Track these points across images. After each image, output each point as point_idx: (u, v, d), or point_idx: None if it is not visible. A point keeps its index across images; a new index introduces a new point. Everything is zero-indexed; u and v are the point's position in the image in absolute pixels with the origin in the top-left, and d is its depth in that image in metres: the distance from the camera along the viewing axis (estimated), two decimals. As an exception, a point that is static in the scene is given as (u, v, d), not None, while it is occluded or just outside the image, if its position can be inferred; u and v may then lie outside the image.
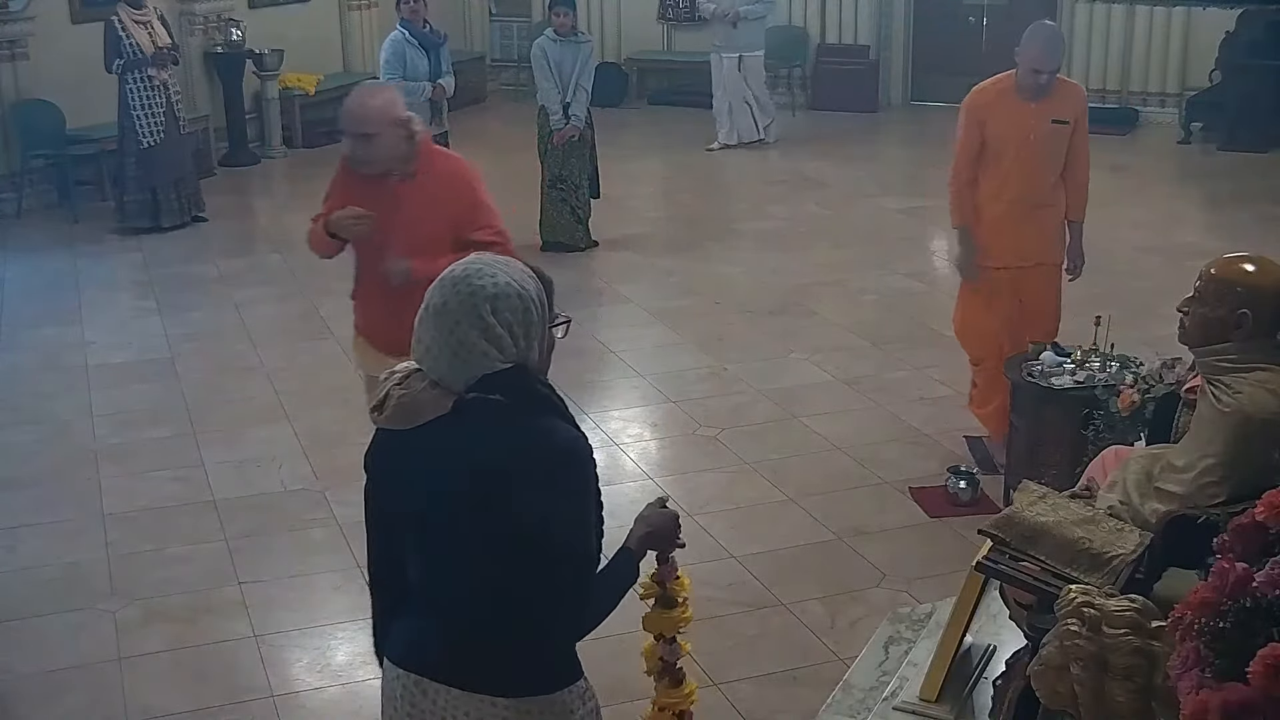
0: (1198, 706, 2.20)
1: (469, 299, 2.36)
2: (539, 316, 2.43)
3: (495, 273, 2.39)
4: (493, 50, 15.55)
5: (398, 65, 8.38)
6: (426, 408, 2.37)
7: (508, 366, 2.37)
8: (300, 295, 8.24)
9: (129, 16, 9.33)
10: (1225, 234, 9.01)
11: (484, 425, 2.35)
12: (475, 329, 2.35)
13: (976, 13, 13.93)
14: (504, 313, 2.37)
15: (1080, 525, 3.24)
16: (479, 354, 2.35)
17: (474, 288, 2.36)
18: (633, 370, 6.92)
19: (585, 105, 8.81)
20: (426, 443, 2.38)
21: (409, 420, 2.39)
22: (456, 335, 2.35)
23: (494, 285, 2.37)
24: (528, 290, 2.41)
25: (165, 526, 5.32)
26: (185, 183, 9.88)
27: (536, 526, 2.34)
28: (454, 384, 2.37)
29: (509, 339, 2.37)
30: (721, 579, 4.83)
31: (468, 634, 2.45)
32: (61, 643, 4.51)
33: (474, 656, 2.45)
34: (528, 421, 2.37)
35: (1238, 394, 3.21)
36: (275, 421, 6.32)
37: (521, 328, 2.39)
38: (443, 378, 2.38)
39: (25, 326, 7.75)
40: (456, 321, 2.35)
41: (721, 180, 11.75)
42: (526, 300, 2.40)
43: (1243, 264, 3.35)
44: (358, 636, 4.54)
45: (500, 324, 2.36)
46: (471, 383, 2.36)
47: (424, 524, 2.44)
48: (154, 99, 9.48)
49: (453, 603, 2.46)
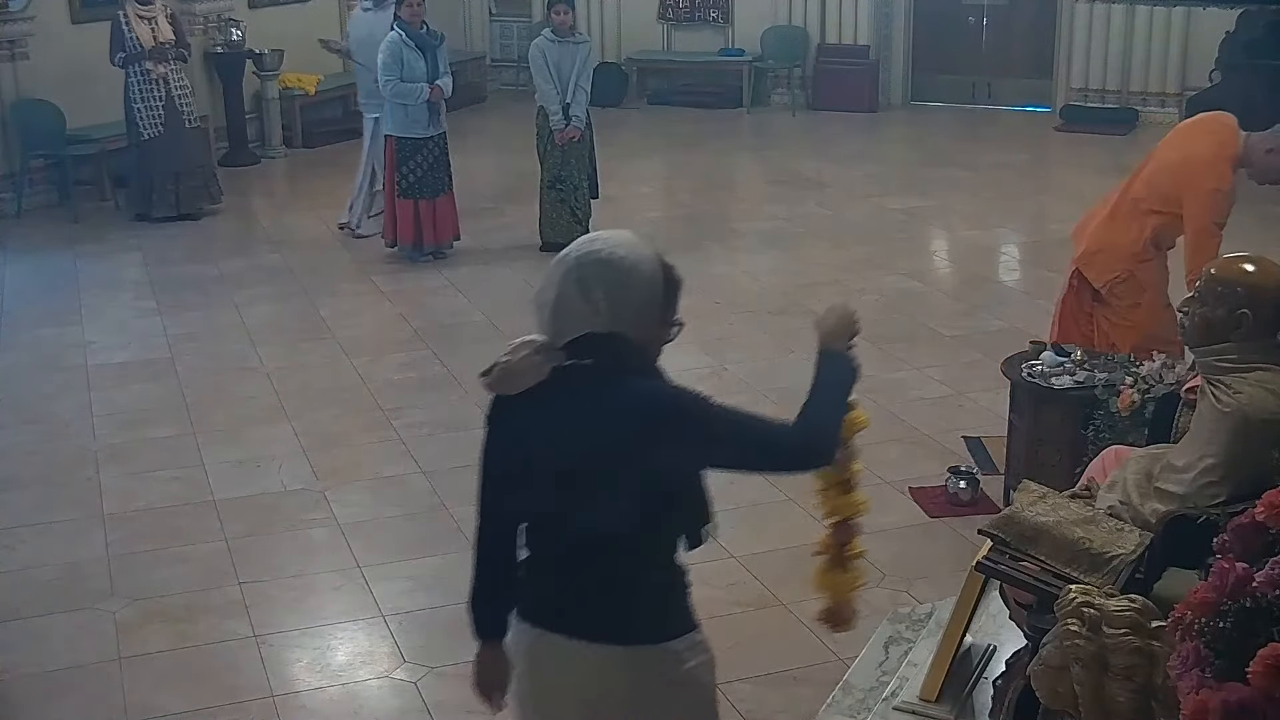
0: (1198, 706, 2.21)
1: (581, 257, 2.50)
2: (646, 301, 2.51)
3: (618, 244, 2.52)
4: (492, 50, 15.55)
5: (395, 66, 8.39)
6: (527, 374, 2.51)
7: (604, 332, 2.48)
8: (300, 295, 8.24)
9: (133, 11, 9.52)
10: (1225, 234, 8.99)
11: (581, 387, 2.48)
12: (576, 286, 2.48)
13: (976, 13, 13.94)
14: (607, 281, 2.47)
15: (1080, 525, 3.24)
16: (573, 311, 2.49)
17: (591, 250, 2.51)
18: (633, 370, 6.91)
19: (585, 106, 8.81)
20: (535, 406, 2.52)
21: (510, 386, 2.53)
22: (561, 287, 2.50)
23: (609, 254, 2.49)
24: (640, 271, 2.50)
25: (165, 526, 5.32)
26: (188, 176, 9.93)
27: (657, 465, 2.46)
28: (554, 339, 2.51)
29: (604, 305, 2.47)
30: (721, 579, 4.83)
31: (583, 585, 2.56)
32: (61, 643, 4.51)
33: (590, 607, 2.56)
34: (621, 382, 2.48)
35: (1237, 394, 3.21)
36: (275, 421, 6.32)
37: (621, 301, 2.48)
38: (544, 329, 2.53)
39: (25, 326, 7.75)
40: (565, 273, 2.50)
41: (721, 180, 11.75)
42: (634, 279, 2.49)
43: (1243, 264, 3.36)
44: (357, 636, 4.54)
45: (600, 288, 2.47)
46: (567, 341, 2.49)
47: (535, 481, 2.56)
48: (152, 93, 9.63)
49: (567, 556, 2.57)
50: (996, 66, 14.01)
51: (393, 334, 7.61)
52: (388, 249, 8.89)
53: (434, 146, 8.63)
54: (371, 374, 6.90)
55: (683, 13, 14.61)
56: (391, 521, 5.35)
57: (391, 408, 6.43)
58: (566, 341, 2.50)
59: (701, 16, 14.54)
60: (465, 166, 9.80)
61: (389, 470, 5.79)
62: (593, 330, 2.48)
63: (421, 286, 8.40)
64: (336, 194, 10.68)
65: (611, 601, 2.56)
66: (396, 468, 5.80)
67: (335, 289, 8.40)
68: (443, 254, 8.87)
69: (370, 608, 4.69)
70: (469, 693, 4.19)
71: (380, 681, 4.29)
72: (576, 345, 2.49)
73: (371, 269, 8.73)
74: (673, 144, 12.72)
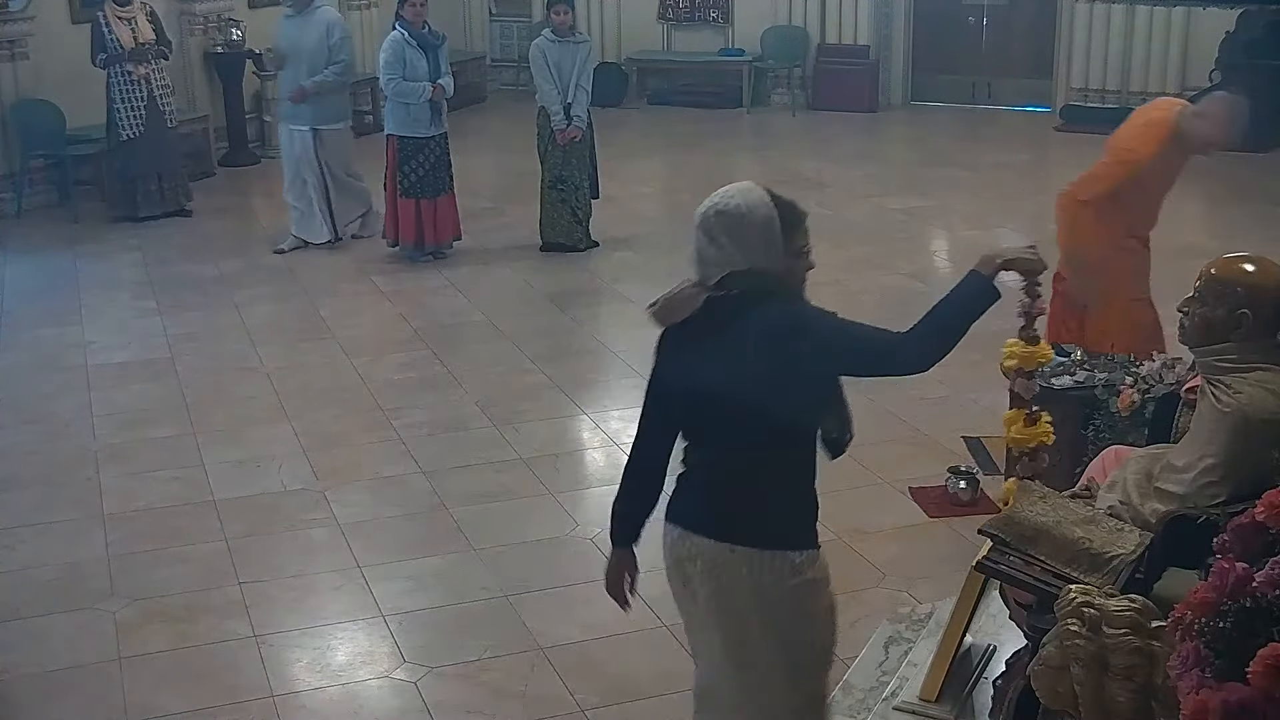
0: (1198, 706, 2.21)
1: (705, 212, 2.94)
2: (767, 238, 2.90)
3: (733, 194, 2.94)
4: (493, 50, 15.55)
5: (397, 66, 8.40)
6: (682, 306, 2.94)
7: (745, 268, 2.88)
8: (300, 295, 8.24)
9: (113, 12, 9.53)
10: (1225, 234, 9.02)
11: (730, 314, 2.88)
12: (705, 236, 2.92)
13: (976, 13, 13.94)
14: (727, 227, 2.90)
15: (1080, 525, 3.24)
16: (710, 257, 2.91)
17: (711, 204, 2.94)
18: (633, 370, 6.91)
19: (586, 105, 8.81)
20: (694, 333, 2.94)
21: (671, 316, 2.97)
22: (697, 239, 2.94)
23: (724, 204, 2.92)
24: (755, 213, 2.90)
25: (165, 526, 5.32)
26: (169, 175, 9.97)
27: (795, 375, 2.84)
28: (705, 279, 2.92)
29: (732, 247, 2.88)
30: (721, 579, 4.83)
31: (725, 492, 2.97)
32: (61, 643, 4.51)
33: (728, 511, 2.96)
34: (762, 306, 2.87)
35: (1237, 394, 3.21)
36: (275, 421, 6.31)
37: (744, 241, 2.88)
38: (696, 273, 2.94)
39: (25, 326, 7.75)
40: (696, 228, 2.95)
41: (721, 180, 11.53)
42: (750, 221, 2.89)
43: (1243, 264, 3.35)
44: (357, 636, 4.54)
45: (723, 235, 2.89)
46: (714, 279, 2.89)
47: (693, 399, 2.98)
48: (134, 93, 9.65)
49: (715, 466, 2.98)
50: (996, 66, 14.01)
51: (393, 334, 7.61)
52: (389, 249, 8.89)
53: (435, 146, 8.64)
54: (371, 374, 6.90)
55: (683, 13, 14.61)
56: (391, 521, 5.35)
57: (391, 408, 6.43)
58: (715, 281, 2.90)
59: (701, 16, 14.54)
60: (465, 166, 9.80)
61: (389, 470, 5.78)
62: (733, 268, 2.88)
63: (421, 286, 8.40)
64: (336, 194, 10.69)
65: (747, 508, 2.94)
66: (396, 468, 5.80)
67: (335, 289, 8.40)
68: (443, 254, 8.87)
69: (370, 608, 4.69)
70: (469, 692, 4.22)
71: (380, 681, 4.29)
72: (723, 281, 2.89)
73: (371, 269, 8.73)
74: (673, 144, 12.72)
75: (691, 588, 3.04)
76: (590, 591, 4.76)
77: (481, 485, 5.62)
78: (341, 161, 9.17)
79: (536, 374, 6.83)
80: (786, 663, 3.00)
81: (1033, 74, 13.77)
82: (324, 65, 8.79)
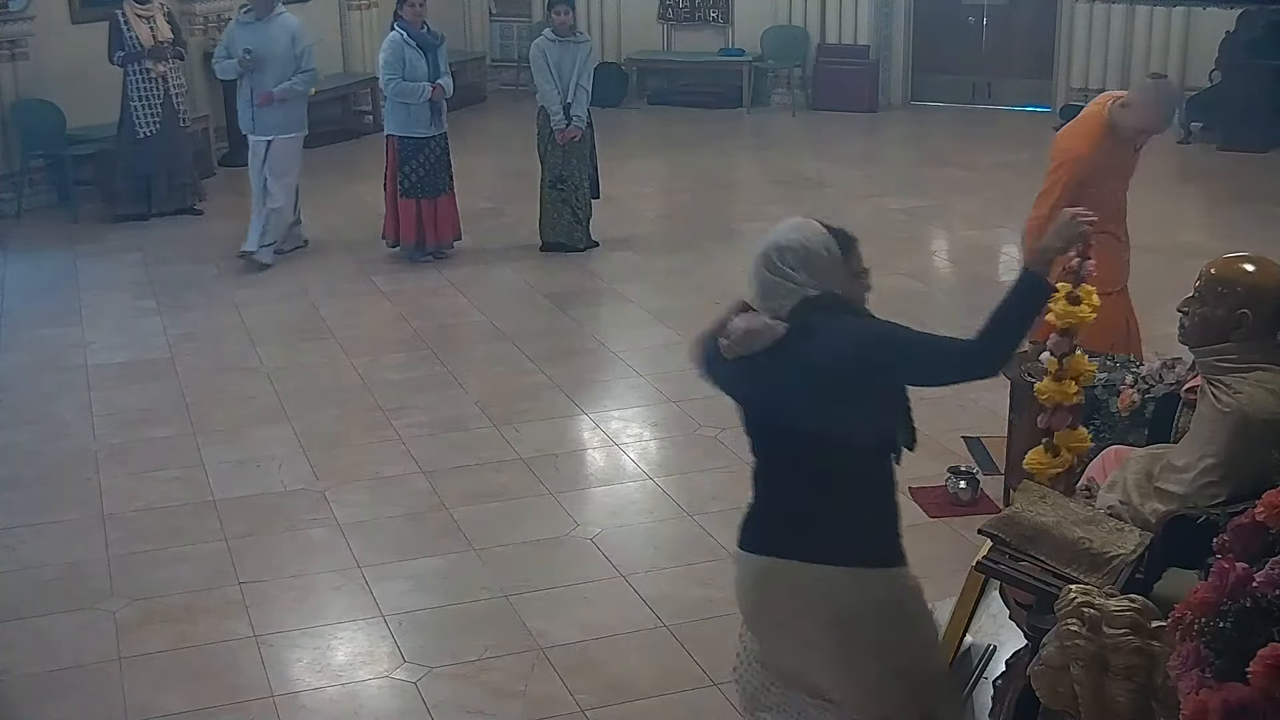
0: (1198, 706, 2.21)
1: (766, 250, 3.06)
2: (829, 263, 3.04)
3: (788, 230, 3.08)
4: (493, 50, 15.55)
5: (396, 66, 8.41)
6: (764, 338, 3.01)
7: (815, 294, 3.00)
8: (300, 295, 8.24)
9: (132, 10, 9.56)
10: (1225, 234, 9.01)
11: (805, 338, 2.97)
12: (770, 271, 3.04)
13: (976, 13, 13.93)
14: (790, 260, 3.02)
15: (1080, 525, 3.24)
16: (779, 290, 3.03)
17: (770, 242, 3.07)
18: (633, 370, 6.91)
19: (586, 105, 8.81)
20: (774, 361, 3.00)
21: (750, 347, 3.03)
22: (760, 277, 3.06)
23: (784, 240, 3.05)
24: (814, 243, 3.04)
25: (165, 526, 5.32)
26: (179, 174, 10.01)
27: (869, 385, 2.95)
28: (775, 311, 3.02)
29: (800, 276, 3.01)
30: (721, 579, 4.81)
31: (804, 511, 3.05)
32: (61, 643, 4.51)
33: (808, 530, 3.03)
34: (833, 324, 2.97)
35: (1237, 394, 3.21)
36: (275, 421, 6.31)
37: (810, 269, 3.01)
38: (763, 309, 3.05)
39: (25, 326, 7.74)
40: (757, 267, 3.07)
41: (721, 180, 11.75)
42: (811, 250, 3.03)
43: (1243, 264, 3.35)
44: (358, 636, 4.54)
45: (788, 267, 3.01)
46: (787, 310, 3.00)
47: (771, 426, 3.08)
48: (151, 91, 9.69)
49: (791, 485, 3.06)
50: (996, 66, 14.01)
51: (393, 334, 7.61)
52: (389, 249, 8.88)
53: (435, 146, 8.64)
54: (371, 374, 6.90)
55: (683, 13, 14.60)
56: (391, 521, 5.35)
57: (391, 408, 6.43)
58: (786, 312, 3.01)
59: (701, 16, 14.54)
60: (465, 166, 9.79)
61: (389, 470, 5.78)
62: (803, 296, 3.00)
63: (421, 286, 8.40)
64: (336, 194, 10.70)
65: (826, 525, 3.02)
66: (396, 468, 5.80)
67: (335, 289, 8.39)
68: (443, 254, 8.87)
69: (370, 608, 4.69)
70: (469, 693, 4.22)
71: (380, 681, 4.29)
72: (796, 309, 3.00)
73: (371, 269, 8.72)
74: (673, 144, 12.72)
75: (778, 615, 3.10)
76: (590, 591, 4.78)
77: (481, 485, 5.62)
78: (281, 169, 8.74)
79: (536, 374, 6.83)
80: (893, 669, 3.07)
81: (1033, 74, 13.76)
82: (290, 73, 8.61)
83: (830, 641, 3.04)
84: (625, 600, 4.70)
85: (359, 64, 13.36)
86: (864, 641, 3.03)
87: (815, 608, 3.02)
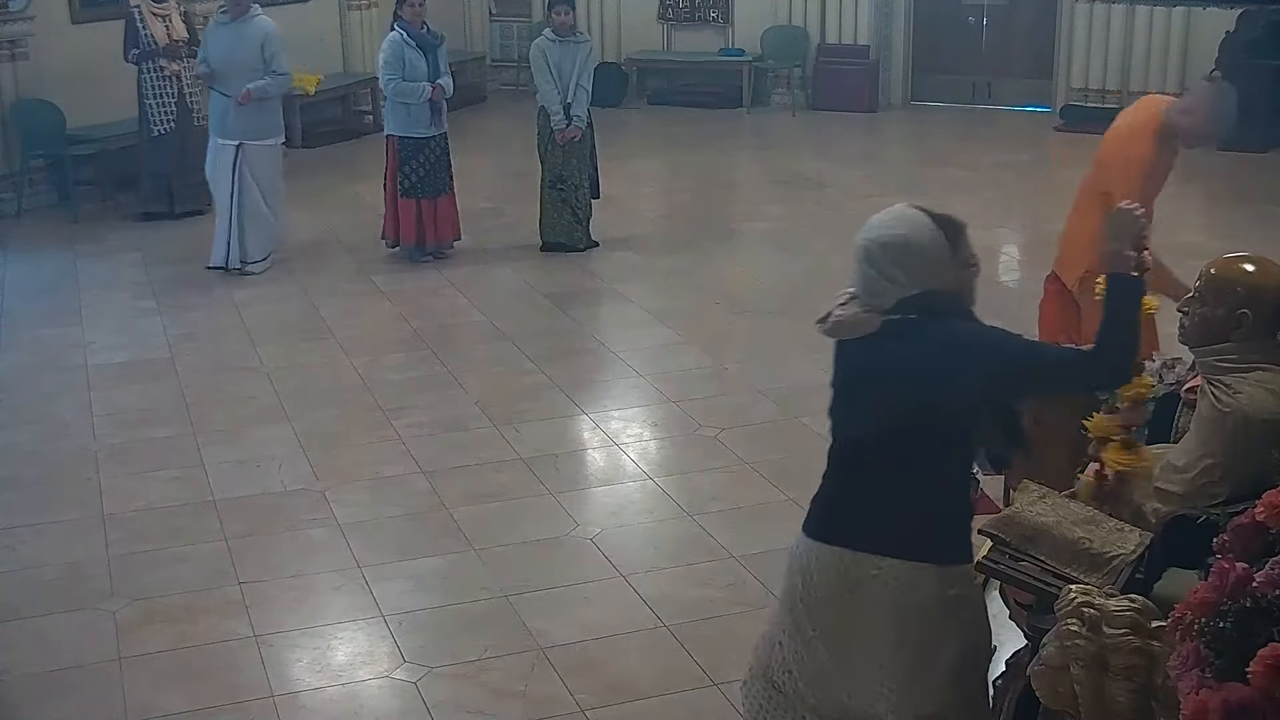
0: (1198, 706, 2.20)
1: (867, 245, 2.96)
2: (934, 259, 2.93)
3: (891, 223, 2.96)
4: (493, 50, 15.55)
5: (396, 66, 8.41)
6: (857, 326, 2.97)
7: (916, 292, 2.90)
8: (300, 295, 8.24)
9: (148, 9, 9.55)
10: (1225, 234, 9.01)
11: (906, 333, 2.91)
12: (871, 269, 2.94)
13: (976, 13, 13.94)
14: (893, 258, 2.91)
15: (1080, 525, 3.24)
16: (880, 289, 2.93)
17: (871, 236, 2.96)
18: (633, 370, 6.91)
19: (586, 105, 8.81)
20: (867, 351, 2.96)
21: (841, 334, 3.00)
22: (861, 272, 2.96)
23: (886, 235, 2.94)
24: (919, 238, 2.93)
25: (165, 526, 5.32)
26: (193, 173, 9.96)
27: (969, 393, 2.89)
28: (877, 306, 2.94)
29: (902, 277, 2.91)
30: (721, 579, 4.83)
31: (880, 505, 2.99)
32: (61, 643, 4.51)
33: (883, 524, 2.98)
34: (934, 327, 2.90)
35: (1237, 394, 3.21)
36: (275, 421, 6.31)
37: (913, 269, 2.91)
38: (865, 302, 2.96)
39: (25, 326, 7.74)
40: (858, 262, 2.97)
41: (721, 180, 11.75)
42: (915, 247, 2.92)
43: (1243, 264, 3.35)
44: (358, 636, 4.54)
45: (890, 266, 2.91)
46: (890, 305, 2.92)
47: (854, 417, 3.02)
48: (165, 89, 9.68)
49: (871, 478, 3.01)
50: (996, 66, 14.01)
51: (393, 334, 7.61)
52: (389, 249, 8.88)
53: (435, 146, 8.64)
54: (371, 374, 6.90)
55: (683, 13, 14.61)
56: (391, 521, 5.35)
57: (391, 408, 6.43)
58: (887, 307, 2.93)
59: (701, 16, 14.54)
60: (465, 166, 9.80)
61: (389, 470, 5.78)
62: (904, 296, 2.90)
63: (421, 286, 8.40)
64: (336, 194, 10.71)
65: (897, 520, 2.97)
66: (396, 468, 5.80)
67: (335, 289, 8.39)
68: (443, 254, 8.87)
69: (370, 608, 4.69)
70: (469, 692, 4.22)
71: (380, 681, 4.29)
72: (897, 307, 2.91)
73: (371, 269, 8.72)
74: (673, 144, 12.72)
75: (837, 607, 3.03)
76: (590, 591, 4.78)
77: (481, 485, 5.62)
78: (268, 182, 8.61)
79: (536, 374, 6.83)
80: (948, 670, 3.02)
81: (1033, 74, 13.76)
82: (260, 74, 8.42)
83: (888, 638, 2.99)
84: (625, 600, 4.70)
85: (359, 64, 13.36)
86: (923, 639, 2.99)
87: (876, 600, 2.98)
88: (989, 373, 2.89)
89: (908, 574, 2.96)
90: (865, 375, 2.98)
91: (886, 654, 3.01)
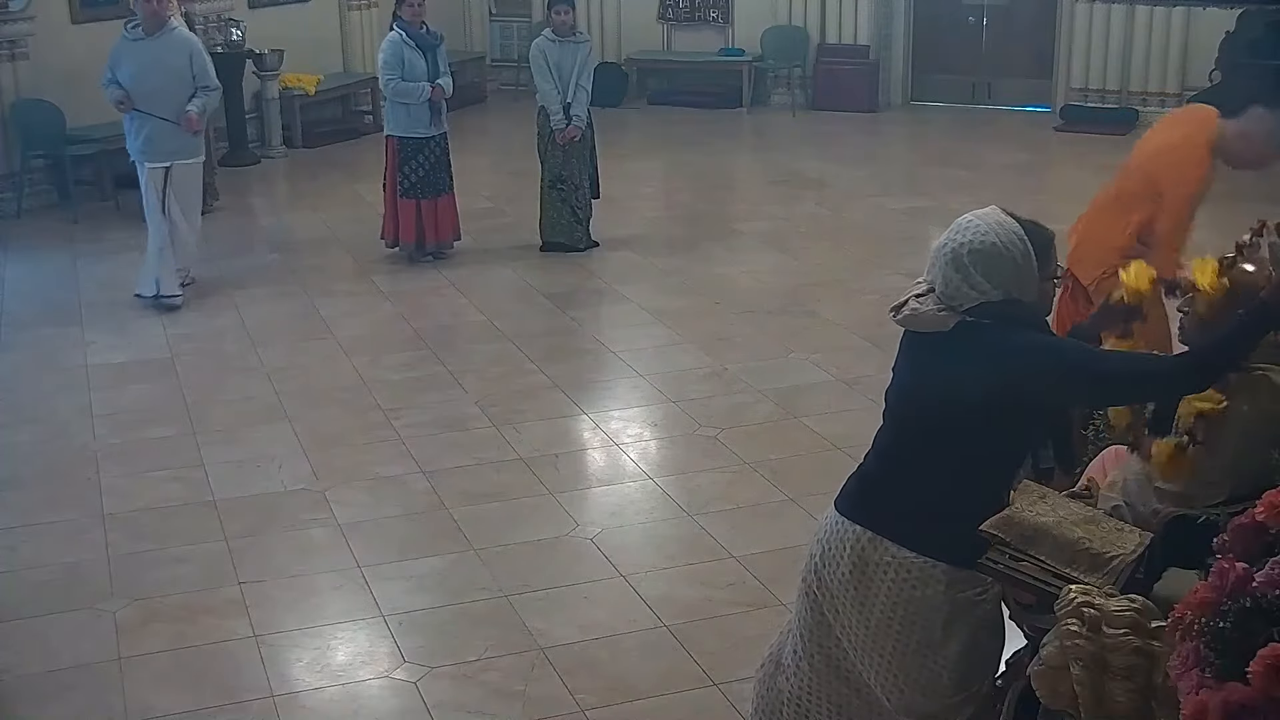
0: (1198, 706, 2.21)
1: (956, 249, 2.93)
2: (1022, 270, 2.93)
3: (985, 230, 2.93)
4: (493, 50, 15.54)
5: (396, 66, 8.41)
6: (928, 322, 2.97)
7: (998, 299, 2.90)
8: (300, 295, 8.23)
9: None
10: (1225, 234, 8.99)
11: (974, 341, 2.91)
12: (957, 274, 2.92)
13: (976, 13, 13.93)
14: (983, 267, 2.90)
15: (1080, 525, 3.23)
16: (962, 294, 2.92)
17: (963, 240, 2.93)
18: (633, 370, 6.91)
19: (586, 105, 8.81)
20: (936, 348, 2.97)
21: (914, 326, 3.01)
22: (945, 274, 2.94)
23: (979, 242, 2.91)
24: (1010, 249, 2.91)
25: (165, 526, 5.32)
26: None
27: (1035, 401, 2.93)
28: (955, 306, 2.94)
29: (988, 285, 2.90)
30: (721, 579, 4.83)
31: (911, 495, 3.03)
32: (61, 643, 4.51)
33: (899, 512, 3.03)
34: (1003, 336, 2.90)
35: (1238, 393, 3.21)
36: (275, 421, 6.31)
37: (1001, 278, 2.90)
38: (943, 300, 2.96)
39: (25, 326, 7.74)
40: (945, 263, 2.94)
41: (721, 180, 11.75)
42: (1006, 258, 2.91)
43: (1242, 264, 3.35)
44: (357, 636, 4.54)
45: (979, 274, 2.90)
46: (967, 307, 2.91)
47: (909, 406, 3.04)
48: None
49: (907, 468, 3.05)
50: (996, 66, 14.01)
51: (393, 334, 7.61)
52: (388, 249, 8.88)
53: (435, 146, 8.64)
54: (371, 374, 6.90)
55: (683, 13, 14.60)
56: (391, 521, 5.35)
57: (391, 408, 6.43)
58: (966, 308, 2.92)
59: (701, 16, 14.54)
60: (465, 166, 9.80)
61: (389, 470, 5.78)
62: (987, 301, 2.90)
63: (421, 286, 8.40)
64: (336, 194, 10.70)
65: (927, 515, 3.00)
66: (396, 468, 5.80)
67: (335, 289, 8.39)
68: (443, 254, 8.87)
69: (370, 608, 4.69)
70: (469, 692, 4.22)
71: (380, 681, 4.29)
72: (975, 310, 2.91)
73: (371, 269, 8.72)
74: (673, 144, 12.72)
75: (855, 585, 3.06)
76: (590, 591, 4.78)
77: (481, 485, 5.62)
78: (190, 201, 8.08)
79: (536, 374, 6.83)
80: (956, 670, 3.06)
81: (1033, 74, 13.76)
82: (188, 92, 7.81)
83: (891, 630, 3.03)
84: (625, 600, 4.70)
85: (359, 64, 13.36)
86: (927, 638, 3.02)
87: (884, 590, 3.02)
88: (1060, 385, 2.90)
89: (918, 570, 3.00)
90: (931, 371, 3.00)
91: (889, 646, 3.03)
